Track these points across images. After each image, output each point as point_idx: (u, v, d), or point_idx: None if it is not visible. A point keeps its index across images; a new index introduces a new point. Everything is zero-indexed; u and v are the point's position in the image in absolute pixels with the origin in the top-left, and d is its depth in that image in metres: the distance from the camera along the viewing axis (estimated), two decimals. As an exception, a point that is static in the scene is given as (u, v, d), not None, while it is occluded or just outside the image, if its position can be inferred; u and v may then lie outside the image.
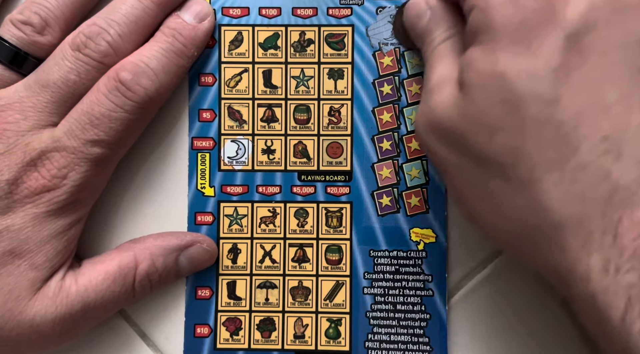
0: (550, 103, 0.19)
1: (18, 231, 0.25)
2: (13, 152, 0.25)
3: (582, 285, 0.19)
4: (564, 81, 0.19)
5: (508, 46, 0.20)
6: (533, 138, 0.20)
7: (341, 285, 0.29)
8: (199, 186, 0.29)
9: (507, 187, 0.20)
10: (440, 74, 0.23)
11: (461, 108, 0.21)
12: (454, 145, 0.22)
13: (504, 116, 0.20)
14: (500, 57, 0.20)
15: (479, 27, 0.21)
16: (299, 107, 0.29)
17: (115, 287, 0.26)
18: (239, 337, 0.29)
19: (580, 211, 0.19)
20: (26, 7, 0.26)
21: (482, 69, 0.21)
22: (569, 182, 0.19)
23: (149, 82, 0.25)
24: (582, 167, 0.19)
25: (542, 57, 0.20)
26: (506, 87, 0.20)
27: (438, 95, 0.22)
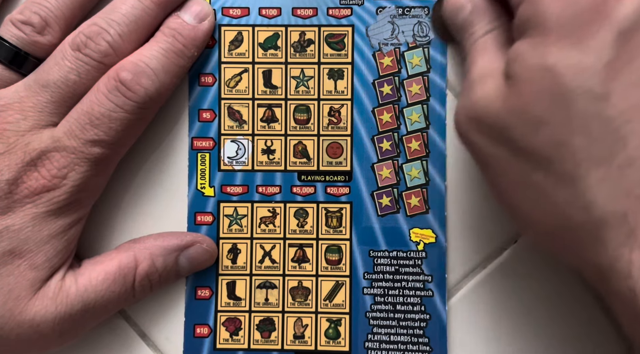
0: (599, 99, 0.19)
1: (18, 231, 0.25)
2: (13, 152, 0.25)
3: (623, 281, 0.19)
4: (614, 77, 0.19)
5: (558, 40, 0.20)
6: (580, 133, 0.20)
7: (341, 285, 0.29)
8: (199, 186, 0.29)
9: (550, 181, 0.20)
10: (483, 67, 0.23)
11: (507, 101, 0.21)
12: (497, 138, 0.22)
13: (552, 110, 0.20)
14: (550, 50, 0.20)
15: (528, 20, 0.21)
16: (299, 107, 0.29)
17: (115, 287, 0.26)
18: (238, 337, 0.29)
19: (625, 208, 0.19)
20: (26, 7, 0.26)
21: (531, 62, 0.21)
22: (615, 178, 0.19)
23: (149, 82, 0.25)
24: (630, 163, 0.19)
25: (592, 52, 0.20)
26: (555, 81, 0.20)
27: (481, 88, 0.22)
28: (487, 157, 0.22)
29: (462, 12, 0.25)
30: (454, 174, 0.28)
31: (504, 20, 0.24)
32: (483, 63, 0.23)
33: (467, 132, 0.23)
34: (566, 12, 0.20)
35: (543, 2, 0.21)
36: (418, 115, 0.28)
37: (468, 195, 0.28)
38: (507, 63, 0.22)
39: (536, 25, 0.21)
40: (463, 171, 0.28)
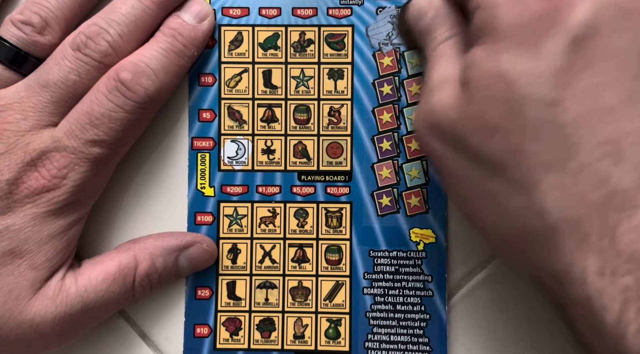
0: (551, 105, 0.19)
1: (18, 231, 0.25)
2: (13, 152, 0.25)
3: (578, 288, 0.19)
4: (567, 84, 0.19)
5: (512, 47, 0.20)
6: (533, 140, 0.20)
7: (341, 285, 0.29)
8: (199, 186, 0.29)
9: (505, 188, 0.20)
10: (441, 74, 0.23)
11: (462, 107, 0.21)
12: (454, 144, 0.22)
13: (505, 116, 0.20)
14: (503, 57, 0.20)
15: (483, 27, 0.21)
16: (299, 107, 0.29)
17: (115, 287, 0.26)
18: (238, 337, 0.29)
19: (578, 214, 0.19)
20: (26, 7, 0.26)
21: (484, 69, 0.21)
22: (567, 184, 0.19)
23: (149, 82, 0.25)
24: (582, 170, 0.19)
25: (545, 58, 0.20)
26: (508, 87, 0.20)
27: (439, 94, 0.22)
28: (445, 163, 0.22)
29: (425, 17, 0.25)
30: (454, 174, 0.28)
31: (464, 27, 0.24)
32: (441, 70, 0.23)
33: (425, 139, 0.23)
34: (520, 18, 0.20)
35: (498, 8, 0.21)
36: (418, 115, 0.28)
37: (468, 195, 0.28)
38: (463, 69, 0.22)
39: (491, 31, 0.21)
40: (463, 171, 0.28)
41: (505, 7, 0.20)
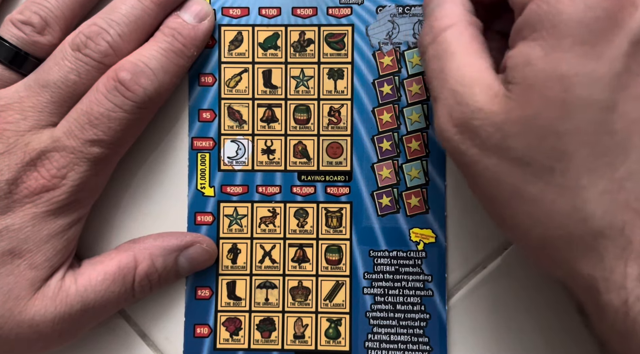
0: (607, 110, 0.19)
1: (18, 231, 0.25)
2: (13, 152, 0.25)
3: (615, 293, 0.19)
4: (624, 88, 0.19)
5: (573, 46, 0.19)
6: (585, 144, 0.19)
7: (341, 285, 0.29)
8: (199, 186, 0.29)
9: (549, 192, 0.20)
10: (463, 73, 0.22)
11: (510, 110, 0.20)
12: (494, 148, 0.21)
13: (560, 119, 0.19)
14: (564, 56, 0.19)
15: (539, 20, 0.20)
16: (299, 107, 0.29)
17: (115, 287, 0.26)
18: (238, 337, 0.29)
19: (623, 220, 0.19)
20: (26, 7, 0.26)
21: (542, 68, 0.20)
22: (615, 191, 0.19)
23: (148, 82, 0.25)
24: (630, 177, 0.19)
25: (606, 61, 0.19)
26: (567, 90, 0.19)
27: (472, 97, 0.21)
28: (481, 168, 0.21)
29: (431, 3, 0.24)
30: (453, 174, 0.28)
31: (468, 15, 0.23)
32: (459, 66, 0.22)
33: (456, 142, 0.22)
34: (584, 16, 0.19)
35: (561, 2, 0.19)
36: (418, 115, 0.28)
37: (468, 195, 0.28)
38: (511, 67, 0.21)
39: (550, 27, 0.20)
40: (463, 171, 0.28)
41: (569, 1, 0.19)
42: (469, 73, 0.22)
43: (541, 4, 0.20)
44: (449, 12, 0.23)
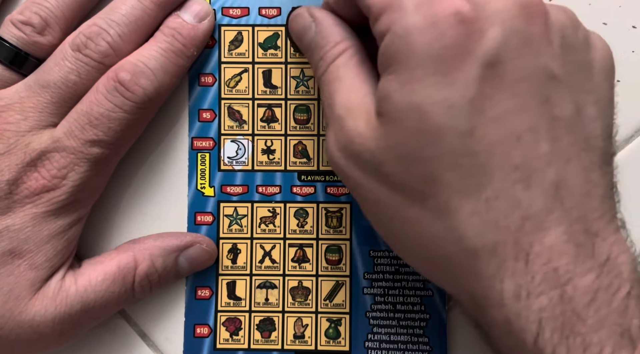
0: (466, 134, 0.20)
1: (18, 231, 0.25)
2: (13, 152, 0.25)
3: (496, 311, 0.20)
4: (479, 112, 0.20)
5: (425, 76, 0.20)
6: (449, 169, 0.20)
7: (341, 285, 0.29)
8: (199, 186, 0.29)
9: (424, 215, 0.21)
10: (347, 98, 0.23)
11: (379, 138, 0.21)
12: (372, 173, 0.22)
13: (422, 147, 0.20)
14: (417, 87, 0.20)
15: (394, 53, 0.21)
16: (299, 107, 0.29)
17: (115, 288, 0.26)
18: (238, 337, 0.29)
19: (494, 239, 0.20)
20: (26, 7, 0.26)
21: (399, 101, 0.20)
22: (483, 211, 0.20)
23: (148, 82, 0.25)
24: (496, 196, 0.20)
25: (458, 88, 0.20)
26: (423, 119, 0.20)
27: (354, 123, 0.22)
28: (364, 190, 0.22)
29: (307, 33, 0.25)
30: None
31: (353, 40, 0.24)
32: (345, 93, 0.23)
33: (343, 167, 0.23)
34: (433, 45, 0.20)
35: (410, 34, 0.20)
36: (418, 115, 0.28)
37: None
38: (378, 101, 0.21)
39: (403, 60, 0.20)
40: (463, 171, 0.28)
41: (418, 33, 0.20)
42: (354, 98, 0.22)
43: (394, 38, 0.20)
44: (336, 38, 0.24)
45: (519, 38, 0.20)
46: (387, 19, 0.21)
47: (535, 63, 0.20)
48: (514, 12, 0.20)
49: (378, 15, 0.21)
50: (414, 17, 0.20)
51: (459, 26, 0.20)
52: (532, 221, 0.20)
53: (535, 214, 0.20)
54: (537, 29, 0.20)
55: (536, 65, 0.20)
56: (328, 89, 0.24)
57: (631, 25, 0.28)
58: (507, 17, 0.20)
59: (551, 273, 0.19)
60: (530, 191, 0.20)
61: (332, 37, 0.24)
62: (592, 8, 0.28)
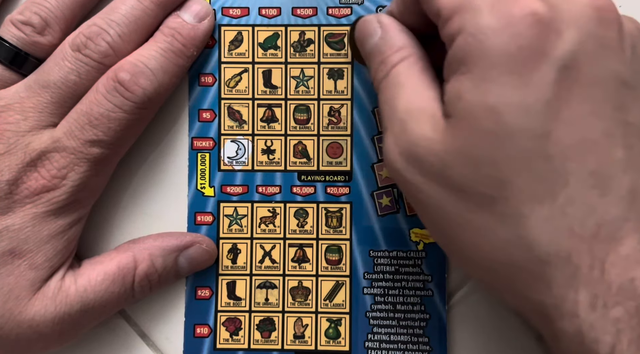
0: (540, 137, 0.19)
1: (18, 231, 0.25)
2: (13, 152, 0.25)
3: (568, 321, 0.19)
4: (555, 115, 0.19)
5: (500, 77, 0.19)
6: (523, 172, 0.19)
7: (341, 285, 0.29)
8: (199, 186, 0.29)
9: (493, 221, 0.20)
10: (410, 101, 0.22)
11: (448, 140, 0.20)
12: (437, 178, 0.21)
13: (494, 149, 0.20)
14: (492, 88, 0.19)
15: (467, 54, 0.20)
16: (299, 107, 0.29)
17: (115, 288, 0.26)
18: (238, 337, 0.29)
19: (568, 247, 0.19)
20: (26, 8, 0.26)
21: (472, 101, 0.20)
22: (557, 217, 0.19)
23: (148, 82, 0.25)
24: (571, 202, 0.19)
25: (534, 89, 0.19)
26: (498, 120, 0.19)
27: (418, 126, 0.21)
28: (425, 196, 0.21)
29: (372, 38, 0.24)
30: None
31: (417, 48, 0.24)
32: (408, 97, 0.22)
33: (403, 172, 0.22)
34: (508, 47, 0.19)
35: (485, 34, 0.20)
36: (418, 115, 0.28)
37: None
38: (447, 101, 0.21)
39: (477, 60, 0.20)
40: (463, 171, 0.28)
41: (493, 33, 0.20)
42: (417, 103, 0.22)
43: (467, 38, 0.20)
44: (399, 43, 0.24)
45: (594, 42, 0.20)
46: (459, 20, 0.20)
47: (609, 68, 0.20)
48: (590, 15, 0.20)
49: (449, 17, 0.21)
50: (488, 18, 0.20)
51: (535, 27, 0.19)
52: (608, 229, 0.19)
53: (610, 222, 0.19)
54: (611, 34, 0.20)
55: (610, 71, 0.20)
56: (389, 93, 0.23)
57: (631, 25, 0.28)
58: (583, 20, 0.20)
59: (627, 283, 0.18)
60: (605, 198, 0.19)
61: (395, 42, 0.24)
62: (592, 8, 0.28)
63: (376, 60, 0.24)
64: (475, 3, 0.20)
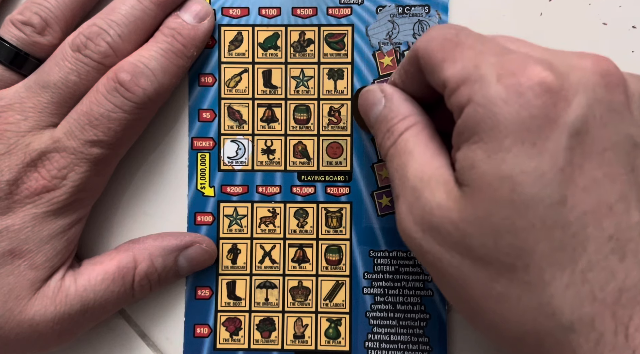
0: (558, 204, 0.19)
1: (18, 231, 0.25)
2: (13, 152, 0.25)
3: None
4: (570, 181, 0.19)
5: (513, 146, 0.19)
6: (542, 240, 0.19)
7: (341, 285, 0.29)
8: (199, 186, 0.29)
9: (515, 289, 0.20)
10: (421, 170, 0.22)
11: (464, 209, 0.20)
12: (455, 246, 0.21)
13: (513, 218, 0.19)
14: (506, 157, 0.19)
15: (477, 123, 0.20)
16: (299, 107, 0.29)
17: (115, 287, 0.26)
18: (238, 337, 0.29)
19: (591, 313, 0.19)
20: (26, 8, 0.26)
21: (486, 171, 0.20)
22: (579, 283, 0.19)
23: (148, 83, 0.25)
24: (591, 268, 0.19)
25: (547, 157, 0.19)
26: (514, 189, 0.19)
27: (432, 194, 0.21)
28: (445, 265, 0.21)
29: (376, 107, 0.25)
30: (454, 174, 0.28)
31: (422, 116, 0.24)
32: (418, 164, 0.22)
33: (420, 240, 0.22)
34: (519, 116, 0.19)
35: (495, 104, 0.20)
36: (418, 115, 0.28)
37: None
38: (459, 170, 0.21)
39: (489, 129, 0.20)
40: (463, 171, 0.28)
41: (503, 103, 0.20)
42: (428, 170, 0.22)
43: (477, 108, 0.20)
44: (404, 112, 0.24)
45: (603, 107, 0.20)
46: (467, 90, 0.20)
47: (619, 131, 0.20)
48: (596, 82, 0.20)
49: (455, 88, 0.21)
50: (496, 88, 0.20)
51: (544, 95, 0.19)
52: (629, 293, 0.19)
53: (632, 286, 0.19)
54: (618, 98, 0.20)
55: (621, 133, 0.20)
56: (398, 161, 0.23)
57: (631, 25, 0.28)
58: (590, 86, 0.20)
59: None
60: (625, 262, 0.19)
61: (401, 111, 0.24)
62: (592, 8, 0.28)
63: (382, 129, 0.24)
64: (482, 73, 0.20)
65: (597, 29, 0.28)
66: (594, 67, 0.20)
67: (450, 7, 0.28)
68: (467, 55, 0.21)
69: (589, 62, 0.20)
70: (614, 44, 0.28)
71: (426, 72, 0.22)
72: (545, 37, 0.28)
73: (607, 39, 0.28)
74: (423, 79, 0.23)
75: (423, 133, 0.23)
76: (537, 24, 0.28)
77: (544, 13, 0.28)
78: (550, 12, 0.28)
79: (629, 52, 0.28)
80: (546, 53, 0.21)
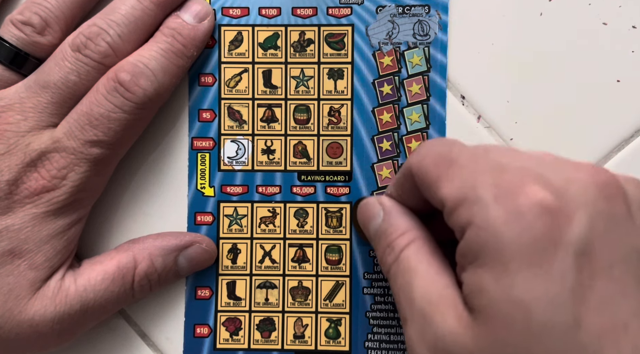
0: (572, 328, 0.19)
1: (18, 231, 0.25)
2: (13, 152, 0.25)
3: None
4: (582, 302, 0.19)
5: (519, 269, 0.19)
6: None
7: (341, 285, 0.29)
8: (199, 186, 0.29)
9: None
10: (428, 291, 0.21)
11: (478, 338, 0.20)
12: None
13: (528, 344, 0.19)
14: (515, 282, 0.19)
15: (482, 248, 0.19)
16: (299, 107, 0.29)
17: (114, 287, 0.26)
18: (238, 337, 0.29)
19: None
20: (26, 8, 0.26)
21: (496, 296, 0.19)
22: None
23: (148, 83, 0.25)
24: None
25: (557, 278, 0.19)
26: (527, 316, 0.19)
27: (441, 318, 0.21)
28: None
29: (375, 221, 0.24)
30: (454, 174, 0.28)
31: (421, 230, 0.23)
32: (423, 285, 0.22)
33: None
34: (522, 239, 0.19)
35: (497, 227, 0.19)
36: (418, 115, 0.28)
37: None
38: (468, 294, 0.20)
39: (493, 253, 0.19)
40: (463, 171, 0.28)
41: (503, 225, 0.19)
42: (434, 292, 0.21)
43: (478, 232, 0.20)
44: (403, 227, 0.23)
45: (604, 221, 0.19)
46: (466, 212, 0.20)
47: (625, 243, 0.19)
48: (595, 195, 0.19)
49: (454, 208, 0.20)
50: (495, 210, 0.19)
51: (544, 216, 0.19)
52: None
53: None
54: (619, 209, 0.20)
55: (627, 246, 0.20)
56: (402, 280, 0.22)
57: (631, 25, 0.28)
58: (589, 201, 0.19)
59: None
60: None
61: (400, 225, 0.23)
62: (592, 8, 0.28)
63: (382, 243, 0.24)
64: (479, 194, 0.20)
65: (597, 29, 0.28)
66: (591, 179, 0.20)
67: (450, 7, 0.28)
68: (462, 174, 0.21)
69: (585, 174, 0.20)
70: (614, 44, 0.28)
71: (422, 189, 0.22)
72: (545, 37, 0.28)
73: (607, 39, 0.28)
74: (419, 194, 0.23)
75: (424, 248, 0.23)
76: (537, 24, 0.28)
77: (544, 13, 0.28)
78: (550, 12, 0.28)
79: (629, 52, 0.28)
80: (541, 165, 0.20)
